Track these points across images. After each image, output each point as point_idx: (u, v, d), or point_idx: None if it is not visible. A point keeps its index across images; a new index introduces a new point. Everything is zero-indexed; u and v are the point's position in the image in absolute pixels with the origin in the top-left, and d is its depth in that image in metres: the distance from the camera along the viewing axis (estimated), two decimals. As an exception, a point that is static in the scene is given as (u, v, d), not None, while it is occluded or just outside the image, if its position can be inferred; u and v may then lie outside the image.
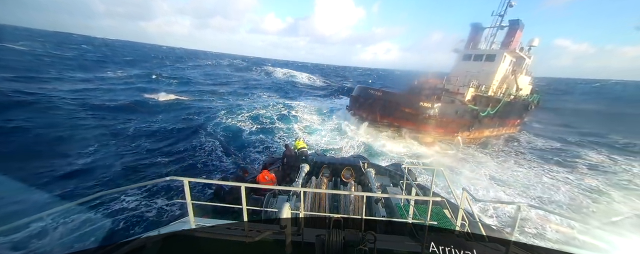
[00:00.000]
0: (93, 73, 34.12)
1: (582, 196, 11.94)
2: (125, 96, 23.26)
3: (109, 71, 38.13)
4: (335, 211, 5.12)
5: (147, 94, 25.24)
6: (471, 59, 22.00)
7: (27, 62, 33.89)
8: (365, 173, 6.74)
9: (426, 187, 6.43)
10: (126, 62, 52.69)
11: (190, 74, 46.58)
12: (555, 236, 8.79)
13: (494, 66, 20.54)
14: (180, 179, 3.39)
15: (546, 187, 12.68)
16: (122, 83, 30.04)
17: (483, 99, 19.22)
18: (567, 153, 17.93)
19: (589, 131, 24.31)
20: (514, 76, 20.77)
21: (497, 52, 20.55)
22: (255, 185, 5.09)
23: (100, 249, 2.71)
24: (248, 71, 62.40)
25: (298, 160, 7.47)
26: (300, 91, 40.12)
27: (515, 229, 3.09)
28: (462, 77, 21.51)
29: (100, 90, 24.72)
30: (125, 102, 20.90)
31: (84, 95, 21.74)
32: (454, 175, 13.07)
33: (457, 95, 19.70)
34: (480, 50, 21.70)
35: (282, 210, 3.44)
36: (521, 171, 14.56)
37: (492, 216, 9.69)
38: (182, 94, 27.34)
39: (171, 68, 52.15)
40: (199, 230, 3.23)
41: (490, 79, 20.57)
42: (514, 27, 20.59)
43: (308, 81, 54.66)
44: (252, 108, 22.10)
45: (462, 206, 3.95)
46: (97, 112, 17.75)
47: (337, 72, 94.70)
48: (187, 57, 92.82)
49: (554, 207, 10.93)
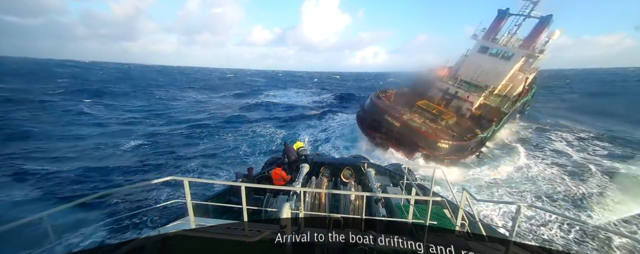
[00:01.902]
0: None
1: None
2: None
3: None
4: (335, 211, 5.12)
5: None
6: (487, 53, 19.70)
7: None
8: (365, 173, 6.74)
9: (426, 188, 6.42)
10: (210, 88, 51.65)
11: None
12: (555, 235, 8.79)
13: (509, 65, 18.66)
14: (180, 179, 3.39)
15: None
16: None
17: (488, 110, 17.83)
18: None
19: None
20: (521, 76, 19.13)
21: (516, 52, 18.47)
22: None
23: (100, 249, 2.72)
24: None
25: (299, 158, 7.49)
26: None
27: (515, 229, 3.09)
28: (473, 70, 19.72)
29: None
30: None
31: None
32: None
33: (466, 103, 18.46)
34: (499, 45, 19.35)
35: (282, 210, 3.44)
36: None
37: (492, 216, 9.70)
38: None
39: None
40: (199, 230, 3.23)
41: (499, 79, 18.91)
42: (544, 22, 18.18)
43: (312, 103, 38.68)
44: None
45: (462, 206, 3.95)
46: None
47: (333, 79, 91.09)
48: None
49: (555, 207, 10.93)
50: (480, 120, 17.61)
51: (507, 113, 17.38)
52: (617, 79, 64.91)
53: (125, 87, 43.41)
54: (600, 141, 18.86)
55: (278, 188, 5.19)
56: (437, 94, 19.87)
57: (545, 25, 18.43)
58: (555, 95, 39.44)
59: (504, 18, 20.14)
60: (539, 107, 27.96)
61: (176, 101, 35.35)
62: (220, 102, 35.92)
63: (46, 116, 21.77)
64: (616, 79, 66.47)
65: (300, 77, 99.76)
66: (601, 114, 25.58)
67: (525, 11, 19.01)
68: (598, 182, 12.86)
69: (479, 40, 20.50)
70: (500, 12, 20.40)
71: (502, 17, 20.21)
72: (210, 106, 32.65)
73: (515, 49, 18.70)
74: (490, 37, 20.04)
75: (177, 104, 33.47)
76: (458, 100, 18.87)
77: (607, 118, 24.12)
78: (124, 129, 20.15)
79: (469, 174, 14.28)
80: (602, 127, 21.58)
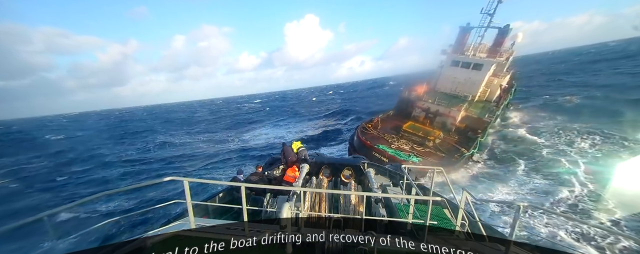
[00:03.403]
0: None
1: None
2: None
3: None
4: (335, 211, 5.12)
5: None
6: (459, 66, 21.33)
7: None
8: (365, 173, 6.74)
9: (426, 188, 6.43)
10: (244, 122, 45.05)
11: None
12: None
13: (481, 74, 20.35)
14: (180, 179, 3.39)
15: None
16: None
17: (472, 121, 18.51)
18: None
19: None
20: (496, 81, 20.70)
21: (484, 62, 20.23)
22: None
23: (100, 249, 2.72)
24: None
25: (298, 158, 7.47)
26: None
27: (515, 229, 3.09)
28: (450, 83, 21.39)
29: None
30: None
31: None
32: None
33: (449, 118, 19.13)
34: (468, 57, 21.11)
35: (282, 210, 3.44)
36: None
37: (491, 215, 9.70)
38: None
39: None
40: (199, 230, 3.23)
41: (476, 87, 20.52)
42: (503, 33, 20.27)
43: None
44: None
45: (462, 206, 3.95)
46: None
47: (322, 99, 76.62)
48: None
49: (554, 207, 10.92)
50: (466, 132, 18.01)
51: (490, 122, 17.99)
52: (576, 58, 66.73)
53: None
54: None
55: (278, 188, 5.19)
56: (420, 113, 20.36)
57: (505, 35, 20.23)
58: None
59: (467, 32, 21.79)
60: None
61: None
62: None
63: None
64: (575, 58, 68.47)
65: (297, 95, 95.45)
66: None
67: (484, 23, 20.68)
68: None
69: (448, 54, 21.91)
70: (461, 28, 21.96)
71: (465, 32, 21.85)
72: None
73: (483, 59, 20.33)
74: (459, 51, 21.60)
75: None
76: (441, 116, 19.43)
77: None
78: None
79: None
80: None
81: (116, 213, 8.32)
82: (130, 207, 8.69)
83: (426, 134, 17.82)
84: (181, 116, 63.24)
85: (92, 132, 46.96)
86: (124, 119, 78.67)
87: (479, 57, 20.62)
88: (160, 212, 8.25)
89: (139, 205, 8.86)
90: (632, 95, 22.60)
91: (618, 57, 51.54)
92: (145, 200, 9.20)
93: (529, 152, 16.48)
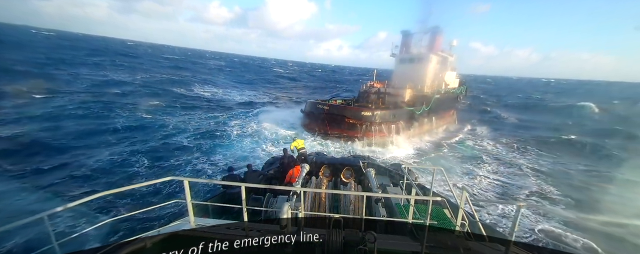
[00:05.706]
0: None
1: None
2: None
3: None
4: (335, 211, 5.12)
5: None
6: (406, 63, 25.61)
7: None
8: (365, 173, 6.74)
9: (426, 187, 6.43)
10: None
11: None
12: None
13: (424, 67, 24.18)
14: (180, 179, 3.39)
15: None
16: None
17: (419, 97, 22.00)
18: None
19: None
20: (441, 73, 24.83)
21: (424, 55, 24.38)
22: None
23: (100, 249, 2.71)
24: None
25: (296, 161, 7.44)
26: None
27: (515, 229, 3.09)
28: (401, 78, 24.61)
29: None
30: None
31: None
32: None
33: (398, 97, 22.56)
34: (411, 54, 25.53)
35: (282, 210, 3.44)
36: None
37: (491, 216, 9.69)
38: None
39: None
40: (199, 230, 3.23)
41: (423, 79, 23.87)
42: (435, 33, 24.89)
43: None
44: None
45: (462, 206, 3.95)
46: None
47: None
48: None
49: (554, 207, 10.93)
50: (415, 105, 21.11)
51: (437, 97, 21.65)
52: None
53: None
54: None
55: (278, 188, 5.19)
56: (374, 98, 22.86)
57: (437, 34, 24.88)
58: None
59: (409, 36, 26.63)
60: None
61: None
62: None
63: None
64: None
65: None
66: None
67: (422, 29, 25.84)
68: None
69: (396, 55, 26.44)
70: (403, 33, 26.70)
71: (408, 36, 26.69)
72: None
73: (422, 54, 24.90)
74: (404, 51, 26.28)
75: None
76: (391, 96, 22.64)
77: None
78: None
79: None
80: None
81: (116, 212, 8.31)
82: (130, 207, 8.68)
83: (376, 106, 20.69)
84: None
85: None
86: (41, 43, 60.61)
87: (419, 52, 25.27)
88: (161, 212, 8.25)
89: (139, 205, 8.85)
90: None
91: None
92: (145, 200, 9.19)
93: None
